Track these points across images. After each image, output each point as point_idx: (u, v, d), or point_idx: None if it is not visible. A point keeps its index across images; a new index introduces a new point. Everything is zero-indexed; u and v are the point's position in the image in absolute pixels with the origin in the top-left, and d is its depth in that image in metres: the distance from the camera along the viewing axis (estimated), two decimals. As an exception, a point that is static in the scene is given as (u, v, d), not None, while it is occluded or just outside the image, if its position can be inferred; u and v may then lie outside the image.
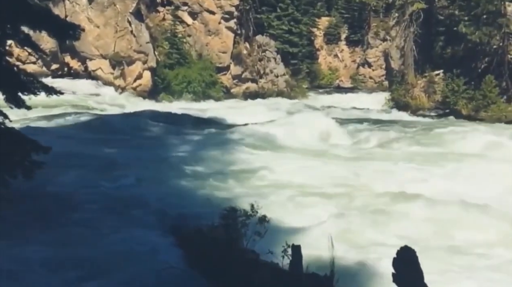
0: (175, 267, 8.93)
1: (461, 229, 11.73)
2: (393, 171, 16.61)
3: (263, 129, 23.23)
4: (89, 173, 14.89)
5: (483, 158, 18.76)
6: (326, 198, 13.73)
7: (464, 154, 19.55)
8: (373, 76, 54.70)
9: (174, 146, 19.70)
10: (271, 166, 16.62)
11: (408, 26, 39.01)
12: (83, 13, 36.85)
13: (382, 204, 12.98)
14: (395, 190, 14.14)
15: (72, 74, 37.45)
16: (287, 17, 48.29)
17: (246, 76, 43.31)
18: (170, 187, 14.22)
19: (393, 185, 14.68)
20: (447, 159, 18.53)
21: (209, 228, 9.42)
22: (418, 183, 14.96)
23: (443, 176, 15.94)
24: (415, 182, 15.12)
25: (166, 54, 39.31)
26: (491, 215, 12.39)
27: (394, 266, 5.83)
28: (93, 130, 22.12)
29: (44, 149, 11.15)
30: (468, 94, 33.11)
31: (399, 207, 12.72)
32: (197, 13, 41.44)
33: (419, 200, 13.13)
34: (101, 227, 10.84)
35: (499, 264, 10.36)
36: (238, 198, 12.71)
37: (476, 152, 19.95)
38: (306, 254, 7.74)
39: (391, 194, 13.78)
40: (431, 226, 11.86)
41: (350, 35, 57.71)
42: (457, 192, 13.90)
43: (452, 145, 21.68)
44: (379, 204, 12.99)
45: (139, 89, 36.92)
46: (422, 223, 11.95)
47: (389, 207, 12.76)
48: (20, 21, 10.99)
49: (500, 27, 33.33)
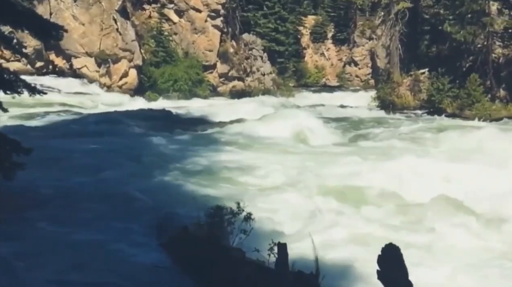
0: (161, 266, 8.92)
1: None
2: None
3: (248, 127, 23.29)
4: (73, 171, 14.79)
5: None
6: (310, 195, 13.76)
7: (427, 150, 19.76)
8: (359, 75, 54.93)
9: (159, 144, 19.63)
10: (256, 164, 16.62)
11: (394, 25, 39.20)
12: (68, 10, 36.57)
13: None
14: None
15: (57, 72, 37.16)
16: (274, 15, 48.33)
17: (232, 75, 43.26)
18: (156, 185, 14.17)
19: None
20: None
21: (195, 226, 9.42)
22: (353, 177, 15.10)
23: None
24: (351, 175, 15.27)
25: (152, 52, 39.14)
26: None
27: (379, 263, 5.87)
28: (77, 128, 22.00)
29: (25, 149, 10.95)
30: (453, 93, 33.36)
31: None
32: (183, 11, 41.29)
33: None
34: (85, 226, 10.77)
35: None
36: (224, 196, 12.70)
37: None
38: (292, 252, 7.76)
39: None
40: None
41: (336, 33, 57.88)
42: (379, 186, 14.08)
43: (419, 141, 21.89)
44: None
45: (125, 88, 36.72)
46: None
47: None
48: (2, 20, 10.86)
49: (484, 26, 33.61)
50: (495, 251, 10.94)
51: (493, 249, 11.01)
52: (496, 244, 11.25)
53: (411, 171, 15.13)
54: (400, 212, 12.81)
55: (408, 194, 13.84)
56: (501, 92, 33.90)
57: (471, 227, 11.80)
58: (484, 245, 11.12)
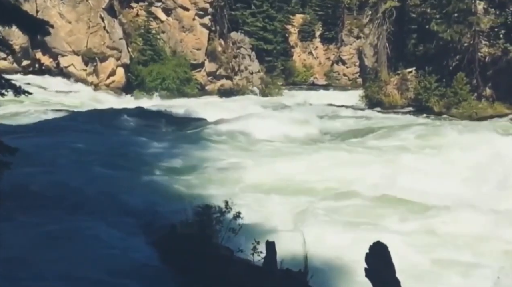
0: (150, 265, 8.90)
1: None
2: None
3: (236, 126, 23.28)
4: (59, 170, 14.70)
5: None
6: (298, 194, 13.81)
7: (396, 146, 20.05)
8: (347, 74, 55.13)
9: (147, 143, 19.56)
10: (244, 163, 16.63)
11: (381, 24, 39.35)
12: (55, 8, 36.33)
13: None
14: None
15: (43, 70, 36.89)
16: (262, 14, 48.37)
17: (220, 73, 43.23)
18: (144, 184, 14.13)
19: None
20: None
21: (183, 225, 9.40)
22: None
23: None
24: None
25: (140, 51, 39.01)
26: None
27: (367, 261, 5.90)
28: (63, 127, 21.83)
29: (11, 149, 10.81)
30: (440, 91, 33.57)
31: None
32: (171, 9, 41.19)
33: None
34: (72, 225, 10.71)
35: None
36: (213, 194, 12.70)
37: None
38: (281, 250, 7.79)
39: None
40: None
41: (324, 32, 58.03)
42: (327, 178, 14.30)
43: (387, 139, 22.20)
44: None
45: (112, 86, 36.56)
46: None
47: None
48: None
49: (470, 25, 33.86)
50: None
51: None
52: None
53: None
54: (387, 208, 12.88)
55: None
56: (487, 91, 34.18)
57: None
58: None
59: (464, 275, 9.70)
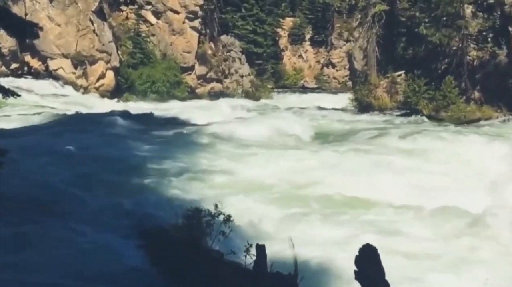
0: (140, 268, 8.87)
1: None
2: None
3: (226, 129, 23.31)
4: (49, 173, 14.62)
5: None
6: (288, 197, 13.83)
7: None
8: (337, 77, 55.32)
9: (136, 146, 19.49)
10: (235, 166, 16.63)
11: (371, 28, 39.52)
12: (44, 11, 36.16)
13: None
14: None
15: (32, 73, 36.69)
16: (252, 17, 48.43)
17: (211, 76, 43.22)
18: (134, 187, 14.08)
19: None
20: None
21: (173, 228, 9.38)
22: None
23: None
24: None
25: (130, 54, 38.91)
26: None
27: (356, 264, 5.92)
28: (52, 130, 21.72)
29: (1, 151, 10.78)
30: (429, 94, 33.73)
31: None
32: (161, 12, 41.14)
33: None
34: (61, 228, 10.64)
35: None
36: (203, 197, 12.67)
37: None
38: (271, 253, 7.78)
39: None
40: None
41: (314, 35, 58.20)
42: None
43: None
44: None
45: (102, 89, 36.43)
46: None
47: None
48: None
49: (459, 29, 34.09)
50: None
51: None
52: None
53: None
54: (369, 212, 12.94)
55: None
56: (475, 94, 34.41)
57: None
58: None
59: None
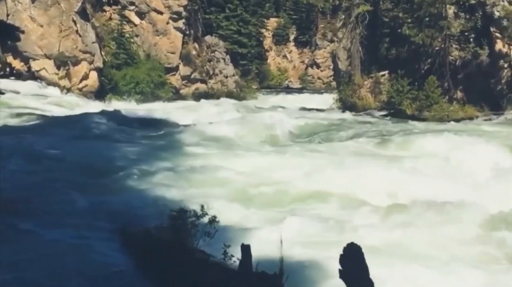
0: (123, 270, 8.82)
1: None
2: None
3: (211, 130, 23.34)
4: (31, 173, 14.49)
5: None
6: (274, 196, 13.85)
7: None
8: (321, 77, 55.63)
9: (121, 147, 19.40)
10: (219, 166, 16.61)
11: (355, 28, 39.76)
12: (26, 12, 35.79)
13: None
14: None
15: (14, 74, 36.31)
16: (236, 17, 48.51)
17: (195, 77, 43.14)
18: (117, 187, 14.00)
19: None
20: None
21: (158, 229, 9.34)
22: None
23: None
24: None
25: (113, 54, 38.68)
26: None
27: (341, 263, 5.95)
28: (35, 131, 21.54)
29: None
30: (412, 94, 34.03)
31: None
32: (145, 13, 40.96)
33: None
34: (42, 229, 10.54)
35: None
36: (188, 198, 12.63)
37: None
38: (258, 253, 7.79)
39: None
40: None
41: (298, 36, 58.49)
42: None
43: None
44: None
45: (85, 90, 36.18)
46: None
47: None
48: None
49: (441, 29, 34.43)
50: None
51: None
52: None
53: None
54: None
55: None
56: (458, 93, 34.80)
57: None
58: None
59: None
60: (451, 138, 20.73)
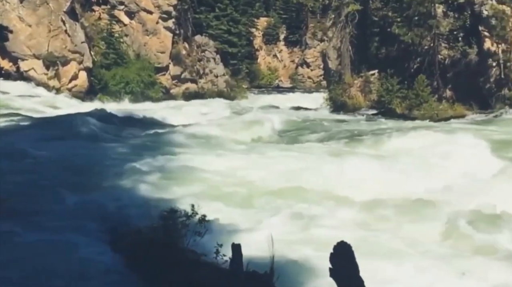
0: (113, 270, 8.78)
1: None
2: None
3: (201, 129, 23.30)
4: (22, 175, 14.38)
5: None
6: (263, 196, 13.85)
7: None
8: (312, 76, 55.70)
9: (111, 147, 19.32)
10: (209, 166, 16.59)
11: (344, 27, 39.85)
12: (14, 11, 35.55)
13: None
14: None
15: (3, 75, 36.05)
16: (226, 17, 48.43)
17: (185, 77, 43.05)
18: (107, 187, 13.93)
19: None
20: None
21: (148, 229, 9.31)
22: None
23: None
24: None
25: (103, 54, 38.52)
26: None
27: (331, 261, 5.95)
28: (24, 132, 21.40)
29: None
30: (402, 93, 34.15)
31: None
32: (134, 12, 40.82)
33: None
34: (30, 228, 10.46)
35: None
36: (178, 198, 12.61)
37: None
38: (249, 252, 7.79)
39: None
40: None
41: (288, 35, 58.54)
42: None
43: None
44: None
45: (75, 90, 36.01)
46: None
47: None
48: None
49: (430, 28, 34.58)
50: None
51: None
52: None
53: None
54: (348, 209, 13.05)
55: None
56: (447, 92, 34.97)
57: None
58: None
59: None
60: (431, 136, 20.95)
